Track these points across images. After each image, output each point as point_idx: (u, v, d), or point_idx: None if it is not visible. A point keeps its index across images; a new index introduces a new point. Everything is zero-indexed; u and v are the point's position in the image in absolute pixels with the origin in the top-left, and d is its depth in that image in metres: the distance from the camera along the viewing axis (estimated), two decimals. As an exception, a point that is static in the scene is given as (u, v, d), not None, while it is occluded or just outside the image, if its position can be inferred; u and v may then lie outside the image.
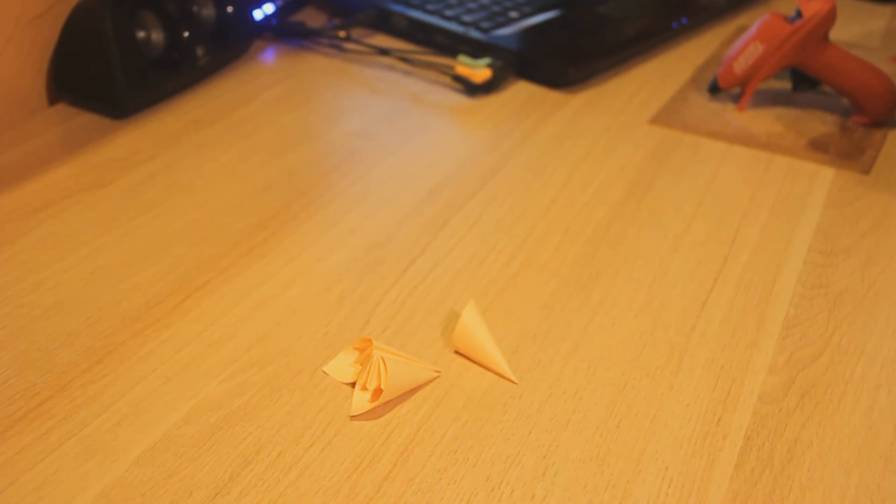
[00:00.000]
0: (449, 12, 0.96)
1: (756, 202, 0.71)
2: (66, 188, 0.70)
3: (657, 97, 0.88)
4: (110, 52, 0.75)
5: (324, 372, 0.53)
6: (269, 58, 0.94)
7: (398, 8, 0.98)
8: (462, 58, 0.87)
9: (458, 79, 0.87)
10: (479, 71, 0.86)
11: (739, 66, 0.83)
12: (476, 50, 0.90)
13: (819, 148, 0.79)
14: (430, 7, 0.97)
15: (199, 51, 0.85)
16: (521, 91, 0.89)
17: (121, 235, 0.65)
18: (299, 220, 0.67)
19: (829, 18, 0.79)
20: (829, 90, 0.89)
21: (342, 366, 0.53)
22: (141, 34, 0.80)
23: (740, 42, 0.83)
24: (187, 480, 0.46)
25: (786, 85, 0.90)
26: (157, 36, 0.81)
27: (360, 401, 0.50)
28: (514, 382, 0.53)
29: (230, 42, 0.89)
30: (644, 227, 0.68)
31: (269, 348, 0.55)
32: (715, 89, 0.87)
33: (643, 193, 0.72)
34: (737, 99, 0.86)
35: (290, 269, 0.62)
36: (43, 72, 0.79)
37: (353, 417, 0.50)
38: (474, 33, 0.93)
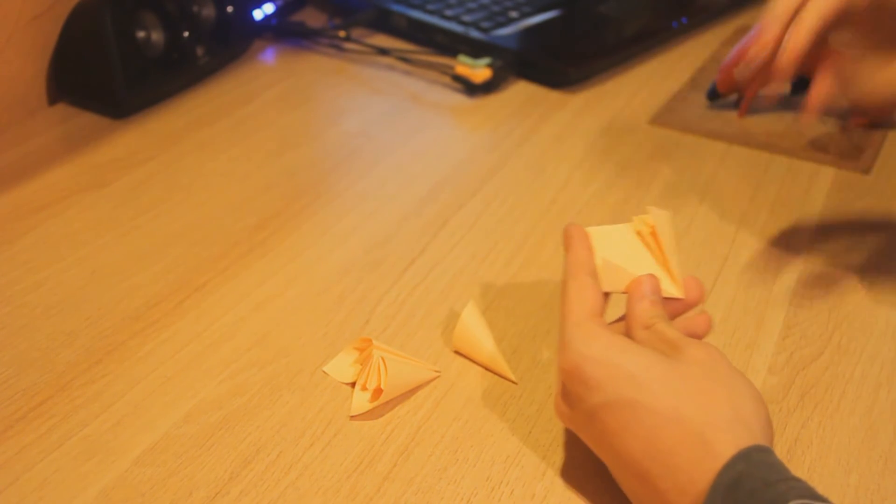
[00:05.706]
0: (449, 12, 0.96)
1: (756, 202, 0.71)
2: (66, 188, 0.70)
3: (657, 97, 0.88)
4: (110, 52, 0.75)
5: (324, 372, 0.53)
6: (269, 58, 0.94)
7: (398, 8, 0.98)
8: (462, 58, 0.87)
9: (458, 79, 0.87)
10: (479, 71, 0.86)
11: (740, 71, 0.80)
12: (476, 50, 0.90)
13: (819, 148, 0.79)
14: (430, 7, 0.97)
15: (199, 51, 0.85)
16: (521, 91, 0.89)
17: (121, 235, 0.65)
18: (299, 220, 0.67)
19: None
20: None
21: (342, 366, 0.53)
22: (141, 34, 0.80)
23: (740, 46, 0.82)
24: (187, 480, 0.46)
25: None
26: (157, 36, 0.81)
27: (360, 401, 0.50)
28: (514, 382, 0.53)
29: (230, 42, 0.89)
30: (644, 227, 0.68)
31: (268, 348, 0.55)
32: (714, 96, 0.85)
33: (643, 193, 0.72)
34: (736, 104, 0.86)
35: (290, 269, 0.62)
36: (43, 72, 0.79)
37: (353, 417, 0.50)
38: (474, 33, 0.93)
